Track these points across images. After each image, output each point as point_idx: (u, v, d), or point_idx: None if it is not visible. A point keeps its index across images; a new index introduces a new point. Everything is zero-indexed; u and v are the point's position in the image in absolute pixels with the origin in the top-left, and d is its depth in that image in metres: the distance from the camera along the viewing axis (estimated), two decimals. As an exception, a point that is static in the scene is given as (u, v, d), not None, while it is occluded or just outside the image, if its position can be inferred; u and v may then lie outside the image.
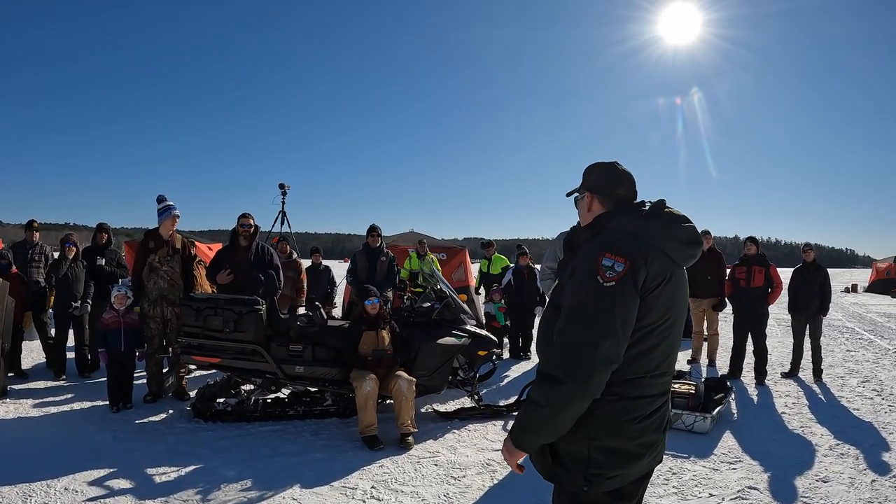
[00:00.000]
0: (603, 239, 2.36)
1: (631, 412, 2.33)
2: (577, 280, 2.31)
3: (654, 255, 2.30)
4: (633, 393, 2.33)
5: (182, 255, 7.66)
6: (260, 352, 6.56)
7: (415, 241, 14.29)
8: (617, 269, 2.23)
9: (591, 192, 2.60)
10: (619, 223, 2.43)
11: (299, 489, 5.01)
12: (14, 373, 8.42)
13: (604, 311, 2.20)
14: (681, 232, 2.40)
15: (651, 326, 2.30)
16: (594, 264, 2.26)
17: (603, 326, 2.19)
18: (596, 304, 2.22)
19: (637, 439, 2.35)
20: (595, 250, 2.30)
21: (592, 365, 2.18)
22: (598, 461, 2.32)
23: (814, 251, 10.03)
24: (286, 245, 10.77)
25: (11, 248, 9.46)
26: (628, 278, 2.22)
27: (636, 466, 2.39)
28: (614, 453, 2.33)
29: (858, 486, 5.34)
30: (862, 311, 22.80)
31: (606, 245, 2.31)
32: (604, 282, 2.22)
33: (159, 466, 5.40)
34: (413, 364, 6.72)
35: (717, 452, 6.09)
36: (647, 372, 2.35)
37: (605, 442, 2.32)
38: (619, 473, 2.35)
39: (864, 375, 10.05)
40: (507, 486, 5.21)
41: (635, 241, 2.33)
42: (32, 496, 4.72)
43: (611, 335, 2.19)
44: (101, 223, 9.48)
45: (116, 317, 7.12)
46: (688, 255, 2.43)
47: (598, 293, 2.22)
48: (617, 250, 2.27)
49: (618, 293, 2.21)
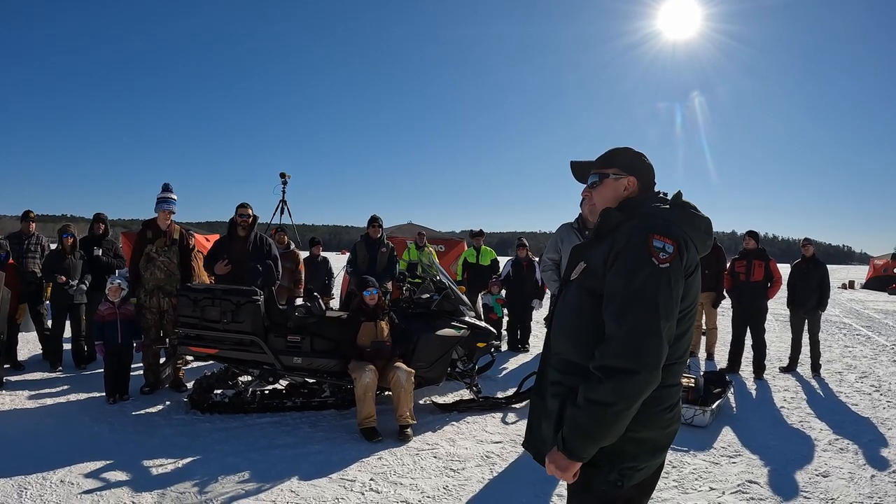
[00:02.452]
0: (647, 222, 2.31)
1: (664, 400, 2.32)
2: (627, 263, 2.24)
3: (689, 242, 2.32)
4: (668, 380, 2.30)
5: (180, 245, 7.62)
6: (258, 343, 6.53)
7: (413, 232, 14.26)
8: (668, 250, 2.21)
9: (628, 173, 2.54)
10: (652, 209, 2.40)
11: (297, 481, 4.98)
12: (10, 364, 8.36)
13: (663, 293, 2.18)
14: (702, 222, 2.44)
15: (684, 312, 2.30)
16: (646, 246, 2.22)
17: (664, 308, 2.18)
18: (655, 285, 2.18)
19: (666, 428, 2.37)
20: (643, 232, 2.26)
21: (661, 348, 2.16)
22: (631, 453, 2.29)
23: (813, 246, 10.01)
24: (284, 236, 10.72)
25: (7, 238, 9.40)
26: (678, 259, 2.22)
27: (661, 456, 2.40)
28: (646, 444, 2.31)
29: (858, 481, 5.34)
30: (859, 307, 22.82)
31: (653, 227, 2.27)
32: (659, 263, 2.19)
33: (156, 458, 5.37)
34: (412, 355, 6.70)
35: (717, 446, 6.08)
36: (678, 358, 2.35)
37: (640, 433, 2.28)
38: (648, 465, 2.34)
39: (862, 371, 10.05)
40: (507, 479, 5.19)
41: (674, 226, 2.32)
42: (28, 488, 4.69)
43: (671, 315, 2.20)
44: (98, 213, 9.43)
45: (112, 308, 7.08)
46: (706, 245, 2.46)
47: (656, 274, 2.19)
48: (665, 232, 2.25)
49: (672, 274, 2.20)
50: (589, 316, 2.33)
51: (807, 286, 9.66)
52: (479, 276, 11.81)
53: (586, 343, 2.31)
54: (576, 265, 2.49)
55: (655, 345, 2.14)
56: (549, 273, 6.40)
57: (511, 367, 9.76)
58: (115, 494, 4.66)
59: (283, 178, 14.99)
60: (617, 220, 2.41)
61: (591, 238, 2.49)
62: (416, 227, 16.22)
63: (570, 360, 2.39)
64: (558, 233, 6.40)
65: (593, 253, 2.40)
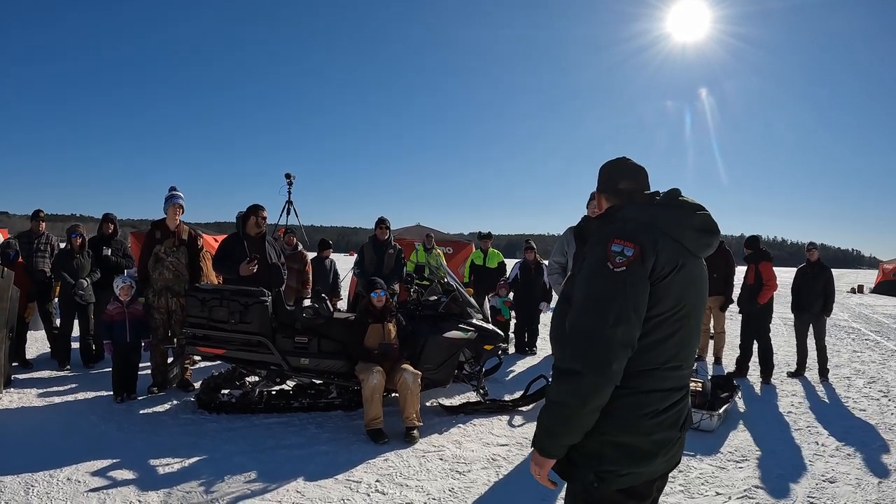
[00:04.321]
0: (613, 227, 2.35)
1: (644, 406, 2.29)
2: (587, 268, 2.30)
3: (664, 243, 2.27)
4: (645, 386, 2.29)
5: (188, 246, 7.63)
6: (265, 343, 6.54)
7: (421, 234, 14.25)
8: (627, 253, 2.21)
9: (599, 192, 2.64)
10: (629, 212, 2.41)
11: (303, 482, 4.99)
12: (19, 362, 8.40)
13: (616, 297, 2.18)
14: (694, 219, 2.38)
15: (662, 316, 2.26)
16: (604, 251, 2.25)
17: (616, 311, 2.17)
18: (607, 289, 2.20)
19: (650, 435, 2.30)
20: (605, 237, 2.30)
21: (609, 351, 2.16)
22: (610, 457, 2.28)
23: (817, 251, 9.99)
24: (292, 237, 10.73)
25: (17, 237, 9.45)
26: (637, 263, 2.20)
27: (649, 465, 2.33)
28: (626, 449, 2.28)
29: (865, 488, 5.31)
30: (868, 311, 22.71)
31: (616, 232, 2.30)
32: (614, 267, 2.21)
33: (163, 457, 5.38)
34: (419, 357, 6.71)
35: (724, 451, 6.06)
36: (660, 364, 2.30)
37: (617, 437, 2.28)
38: (631, 471, 2.30)
39: (871, 376, 10.00)
40: (513, 482, 5.18)
41: (646, 228, 2.30)
42: (35, 486, 4.71)
43: (624, 319, 2.17)
44: (108, 213, 9.46)
45: (121, 308, 7.11)
46: (703, 244, 2.40)
47: (609, 279, 2.21)
48: (626, 236, 2.26)
49: (628, 277, 2.19)
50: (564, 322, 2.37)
51: (812, 291, 9.63)
52: (487, 279, 11.81)
53: None
54: None
55: (602, 348, 2.16)
56: (555, 276, 6.41)
57: (518, 369, 9.75)
58: (121, 493, 4.68)
59: (288, 178, 15.00)
60: (592, 228, 2.48)
61: (576, 248, 2.53)
62: (425, 228, 16.24)
63: None
64: (565, 236, 6.41)
65: (577, 261, 2.46)
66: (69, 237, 8.68)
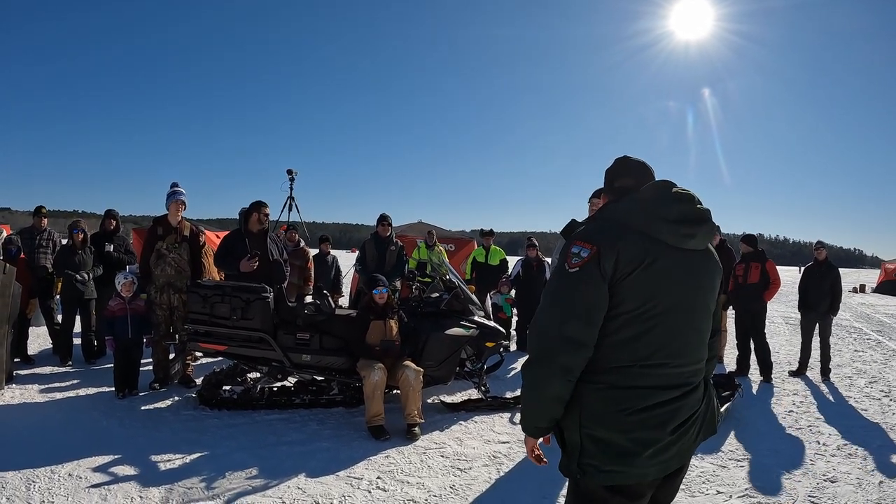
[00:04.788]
0: (582, 229, 2.45)
1: (620, 403, 2.30)
2: (552, 270, 2.45)
3: (628, 241, 2.30)
4: (622, 383, 2.32)
5: (190, 242, 7.64)
6: (267, 340, 6.55)
7: (423, 231, 14.25)
8: (583, 255, 2.31)
9: (603, 192, 2.73)
10: (608, 212, 2.48)
11: (304, 478, 4.99)
12: (20, 358, 8.42)
13: (566, 295, 2.32)
14: (670, 211, 2.35)
15: (631, 313, 2.29)
16: (565, 252, 2.38)
17: (565, 308, 2.31)
18: (561, 289, 2.35)
19: (628, 433, 2.28)
20: (571, 239, 2.41)
21: (556, 345, 2.29)
22: (589, 450, 2.32)
23: (825, 249, 9.95)
24: (294, 234, 10.74)
25: (19, 233, 9.46)
26: (591, 264, 2.28)
27: (634, 466, 2.28)
28: (603, 444, 2.30)
29: (866, 487, 5.30)
30: (870, 311, 22.70)
31: (579, 233, 2.40)
32: (569, 268, 2.32)
33: (164, 453, 5.39)
34: (421, 354, 6.71)
35: (725, 450, 6.05)
36: (637, 360, 2.31)
37: (594, 431, 2.32)
38: (615, 469, 2.29)
39: (872, 376, 9.99)
40: (514, 479, 5.18)
41: (612, 227, 2.37)
42: (36, 482, 4.71)
43: (574, 317, 2.28)
44: (110, 210, 9.49)
45: (123, 304, 7.12)
46: (681, 235, 2.35)
47: (563, 279, 2.34)
48: (586, 237, 2.35)
49: (581, 278, 2.29)
50: None
51: (819, 290, 9.60)
52: (488, 276, 11.79)
53: None
54: None
55: (550, 343, 2.31)
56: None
57: (519, 367, 9.67)
58: (122, 489, 4.68)
59: (290, 174, 14.98)
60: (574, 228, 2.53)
61: None
62: (427, 225, 16.23)
63: None
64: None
65: None
66: (71, 233, 8.70)
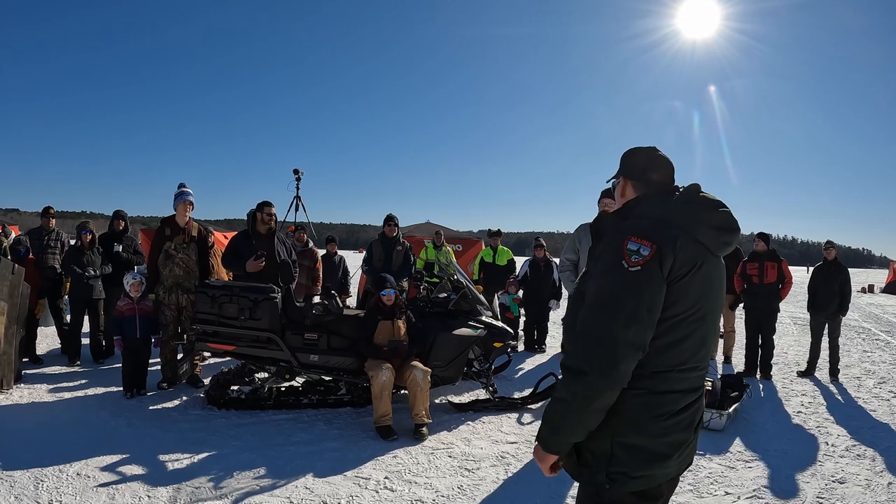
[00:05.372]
0: (630, 223, 2.29)
1: (658, 408, 2.24)
2: (601, 266, 2.24)
3: (683, 242, 2.19)
4: (660, 387, 2.24)
5: (198, 242, 7.66)
6: (275, 340, 6.55)
7: (431, 231, 14.27)
8: (643, 252, 2.15)
9: (625, 177, 2.53)
10: (647, 208, 2.35)
11: (312, 478, 5.00)
12: (29, 358, 8.45)
13: (629, 297, 2.13)
14: (714, 217, 2.29)
15: (680, 317, 2.20)
16: (619, 249, 2.19)
17: (628, 312, 2.11)
18: (620, 289, 2.15)
19: (664, 437, 2.26)
20: (620, 235, 2.23)
21: (616, 352, 2.10)
22: (620, 459, 2.24)
23: (835, 249, 9.92)
24: (303, 234, 10.75)
25: (28, 234, 9.50)
26: (654, 262, 2.14)
27: (663, 467, 2.29)
28: (638, 451, 2.24)
29: (875, 489, 5.29)
30: (879, 311, 22.61)
31: (632, 229, 2.23)
32: (629, 266, 2.14)
33: (172, 453, 5.40)
34: (428, 355, 6.71)
35: (733, 450, 6.04)
36: (675, 365, 2.25)
37: (629, 439, 2.23)
38: (645, 474, 2.25)
39: (881, 377, 9.95)
40: (522, 479, 5.18)
41: (664, 225, 2.23)
42: (44, 481, 4.73)
43: (636, 321, 2.11)
44: (118, 210, 9.52)
45: (131, 304, 7.13)
46: (722, 243, 2.31)
47: (623, 278, 2.15)
48: (643, 234, 2.19)
49: (643, 277, 2.13)
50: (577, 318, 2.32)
51: (828, 290, 9.57)
52: (496, 276, 11.78)
53: None
54: None
55: (610, 349, 2.11)
56: (566, 274, 6.38)
57: (527, 367, 9.74)
58: (130, 488, 4.70)
59: (296, 174, 14.98)
60: (610, 223, 2.39)
61: (592, 244, 2.48)
62: (434, 226, 16.26)
63: None
64: (576, 233, 6.38)
65: (592, 258, 2.40)
66: (79, 234, 8.74)
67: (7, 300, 6.99)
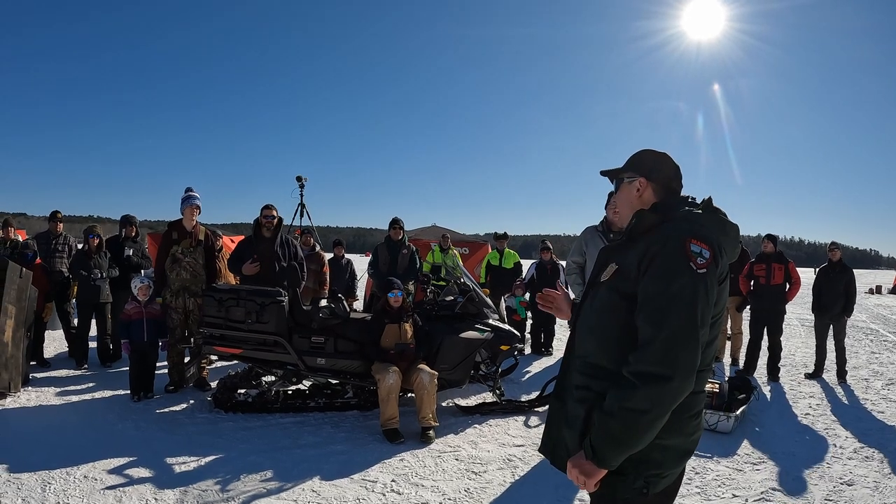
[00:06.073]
0: (684, 225, 2.28)
1: (691, 408, 2.29)
2: (664, 266, 2.19)
3: (722, 248, 2.28)
4: (697, 387, 2.27)
5: (205, 246, 7.68)
6: (282, 343, 6.56)
7: (437, 234, 14.26)
8: (705, 255, 2.17)
9: (648, 179, 2.50)
10: (686, 213, 2.36)
11: (319, 481, 5.00)
12: (37, 361, 8.49)
13: (700, 298, 2.14)
14: (731, 228, 2.41)
15: (715, 319, 2.26)
16: (683, 250, 2.18)
17: (701, 314, 2.14)
18: (693, 291, 2.14)
19: (692, 435, 2.35)
20: (679, 235, 2.21)
21: (696, 355, 2.13)
22: (657, 460, 2.25)
23: (840, 250, 9.89)
24: (310, 238, 10.78)
25: (35, 238, 9.54)
26: (713, 266, 2.19)
27: (683, 463, 2.38)
28: (672, 451, 2.28)
29: (883, 491, 5.26)
30: (886, 312, 22.52)
31: (690, 231, 2.23)
32: (697, 268, 2.15)
33: (179, 456, 5.41)
34: (435, 358, 6.70)
35: (741, 453, 6.02)
36: (704, 366, 2.28)
37: (666, 440, 2.23)
38: (672, 472, 2.32)
39: (889, 378, 9.90)
40: (529, 482, 5.18)
41: (711, 231, 2.29)
42: (51, 483, 4.74)
43: (705, 322, 2.16)
44: (128, 216, 9.52)
45: (139, 308, 7.16)
46: (735, 253, 2.42)
47: (694, 280, 2.15)
48: (701, 237, 2.21)
49: (709, 280, 2.17)
50: (617, 318, 2.29)
51: (833, 291, 9.54)
52: (503, 279, 11.81)
53: (614, 346, 2.28)
54: (605, 267, 2.44)
55: (692, 352, 2.11)
56: (573, 276, 6.36)
57: (534, 370, 9.73)
58: (137, 491, 4.71)
59: (299, 181, 15.02)
60: (651, 223, 2.35)
61: (623, 240, 2.43)
62: (441, 229, 16.23)
63: (597, 364, 2.33)
64: (583, 236, 6.36)
65: (626, 255, 2.34)
66: (86, 238, 8.76)
67: (15, 304, 7.02)
